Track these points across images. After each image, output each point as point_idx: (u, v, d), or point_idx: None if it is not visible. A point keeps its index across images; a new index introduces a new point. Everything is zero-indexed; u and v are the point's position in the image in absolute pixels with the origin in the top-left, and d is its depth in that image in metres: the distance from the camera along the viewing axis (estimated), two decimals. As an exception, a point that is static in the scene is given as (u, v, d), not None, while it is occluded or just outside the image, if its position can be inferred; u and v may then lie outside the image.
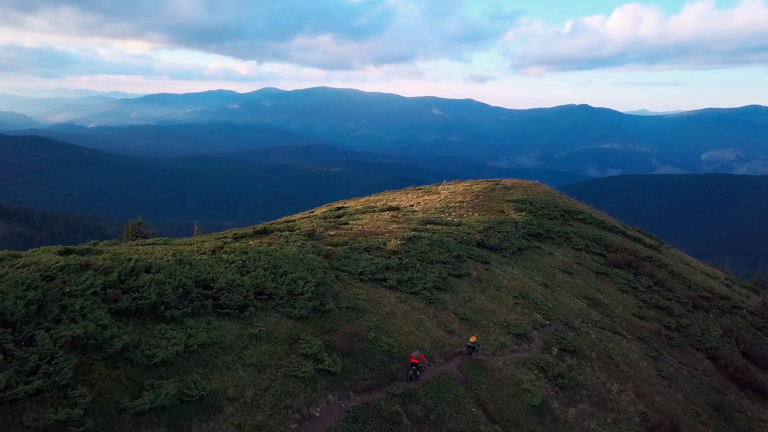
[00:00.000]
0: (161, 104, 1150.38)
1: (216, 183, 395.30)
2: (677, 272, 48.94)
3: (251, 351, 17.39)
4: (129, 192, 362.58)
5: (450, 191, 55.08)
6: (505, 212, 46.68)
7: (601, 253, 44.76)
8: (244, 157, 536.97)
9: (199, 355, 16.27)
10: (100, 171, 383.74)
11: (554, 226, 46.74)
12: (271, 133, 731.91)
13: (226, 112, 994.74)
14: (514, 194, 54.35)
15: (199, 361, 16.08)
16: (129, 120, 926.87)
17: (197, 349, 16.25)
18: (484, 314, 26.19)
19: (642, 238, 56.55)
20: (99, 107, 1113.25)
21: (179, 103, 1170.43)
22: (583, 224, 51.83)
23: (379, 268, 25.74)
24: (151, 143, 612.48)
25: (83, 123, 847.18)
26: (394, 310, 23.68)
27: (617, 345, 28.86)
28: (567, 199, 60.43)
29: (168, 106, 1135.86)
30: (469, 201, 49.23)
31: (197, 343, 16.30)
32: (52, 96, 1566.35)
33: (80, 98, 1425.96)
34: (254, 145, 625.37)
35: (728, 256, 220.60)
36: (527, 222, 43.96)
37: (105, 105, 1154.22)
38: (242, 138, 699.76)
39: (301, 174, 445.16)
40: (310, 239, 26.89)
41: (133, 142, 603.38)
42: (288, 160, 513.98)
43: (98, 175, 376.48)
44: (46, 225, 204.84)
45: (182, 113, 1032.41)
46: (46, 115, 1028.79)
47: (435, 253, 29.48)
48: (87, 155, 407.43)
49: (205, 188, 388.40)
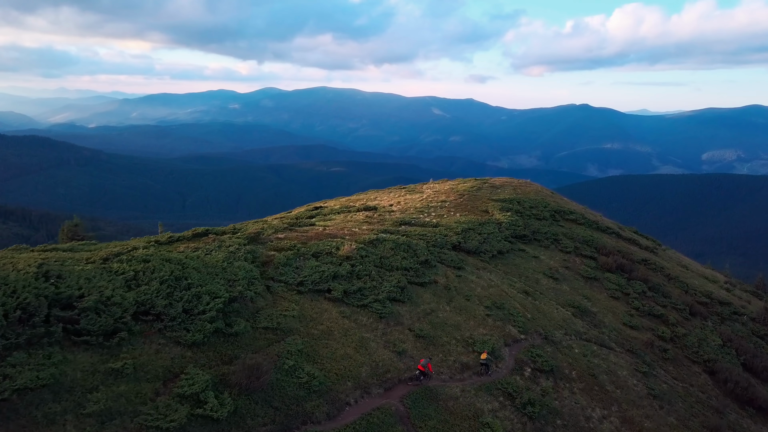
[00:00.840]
0: (162, 104, 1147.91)
1: (216, 183, 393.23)
2: (674, 276, 45.99)
3: (100, 394, 13.43)
4: (128, 192, 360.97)
5: (434, 190, 52.17)
6: (489, 212, 43.72)
7: (591, 255, 41.81)
8: (245, 157, 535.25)
9: (13, 406, 12.41)
10: (100, 171, 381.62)
11: (542, 227, 43.77)
12: (272, 133, 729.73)
13: (226, 112, 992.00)
14: (502, 193, 51.37)
15: (10, 413, 12.24)
16: (129, 120, 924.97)
17: (10, 396, 12.33)
18: (447, 329, 23.04)
19: (637, 240, 53.57)
20: (99, 107, 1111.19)
21: (180, 103, 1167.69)
22: (574, 225, 48.87)
23: (325, 277, 22.61)
24: (151, 143, 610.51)
25: (84, 123, 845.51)
26: (332, 328, 20.34)
27: (603, 360, 25.88)
28: (559, 199, 57.47)
29: (169, 106, 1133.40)
30: (452, 200, 46.30)
31: (13, 388, 12.35)
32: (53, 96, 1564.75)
33: (81, 98, 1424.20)
34: (254, 145, 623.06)
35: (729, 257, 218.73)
36: (512, 223, 40.99)
37: (105, 105, 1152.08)
38: (242, 138, 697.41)
39: (301, 174, 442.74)
40: (251, 243, 23.87)
41: (133, 142, 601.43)
42: (288, 160, 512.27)
43: (98, 175, 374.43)
44: (42, 225, 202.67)
45: (183, 113, 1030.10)
46: (47, 115, 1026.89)
47: (397, 259, 26.43)
48: (87, 155, 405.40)
49: (204, 188, 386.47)
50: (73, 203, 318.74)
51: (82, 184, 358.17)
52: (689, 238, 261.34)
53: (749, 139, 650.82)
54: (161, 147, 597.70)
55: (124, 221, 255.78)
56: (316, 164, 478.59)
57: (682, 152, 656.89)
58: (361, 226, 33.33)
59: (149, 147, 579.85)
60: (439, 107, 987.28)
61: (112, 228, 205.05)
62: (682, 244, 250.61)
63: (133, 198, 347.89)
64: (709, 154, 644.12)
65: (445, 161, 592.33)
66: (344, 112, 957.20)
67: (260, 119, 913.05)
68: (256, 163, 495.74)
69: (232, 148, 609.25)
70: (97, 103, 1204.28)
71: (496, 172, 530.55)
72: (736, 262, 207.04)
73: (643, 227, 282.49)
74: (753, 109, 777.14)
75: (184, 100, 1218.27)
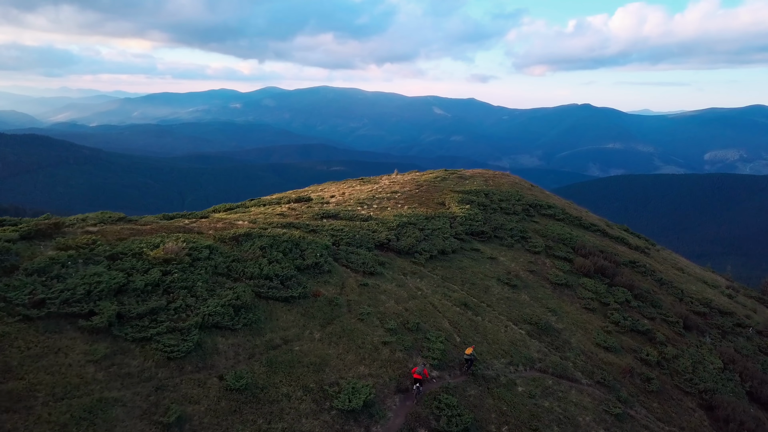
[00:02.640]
0: (163, 103, 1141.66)
1: (215, 182, 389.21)
2: (667, 280, 38.91)
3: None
4: (127, 190, 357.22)
5: (392, 181, 45.25)
6: (446, 205, 36.76)
7: (566, 257, 34.78)
8: (245, 156, 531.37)
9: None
10: (99, 170, 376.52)
11: (508, 222, 36.72)
12: (272, 133, 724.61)
13: (228, 112, 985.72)
14: (469, 185, 44.25)
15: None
16: (131, 119, 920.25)
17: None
18: (296, 371, 15.45)
19: (626, 239, 46.43)
20: (101, 106, 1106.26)
21: (181, 103, 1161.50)
22: (551, 221, 41.82)
23: (96, 291, 14.77)
24: (151, 142, 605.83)
25: (85, 122, 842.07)
26: (45, 383, 12.07)
27: (559, 401, 18.90)
28: (538, 192, 50.42)
29: (170, 105, 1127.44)
30: (406, 191, 39.34)
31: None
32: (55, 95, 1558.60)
33: (83, 97, 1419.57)
34: (255, 144, 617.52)
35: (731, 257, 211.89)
36: (469, 217, 33.97)
37: (107, 104, 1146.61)
38: (243, 137, 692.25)
39: (300, 173, 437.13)
40: (37, 238, 16.73)
41: (133, 140, 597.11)
42: (288, 159, 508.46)
43: (97, 173, 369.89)
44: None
45: (184, 112, 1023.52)
46: (49, 114, 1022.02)
47: (262, 263, 19.17)
48: (86, 154, 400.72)
49: (204, 187, 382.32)
50: (71, 202, 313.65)
51: (81, 182, 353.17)
52: (691, 238, 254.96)
53: (752, 139, 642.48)
54: (161, 146, 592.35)
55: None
56: (316, 163, 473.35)
57: (684, 152, 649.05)
58: (271, 218, 26.52)
59: (149, 146, 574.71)
60: (440, 107, 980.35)
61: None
62: (684, 245, 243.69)
63: (131, 196, 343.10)
64: (711, 154, 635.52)
65: (446, 161, 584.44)
66: (345, 112, 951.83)
67: (261, 118, 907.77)
68: (256, 162, 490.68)
69: (232, 147, 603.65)
70: (98, 103, 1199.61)
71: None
72: (739, 262, 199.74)
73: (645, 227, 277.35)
74: (756, 109, 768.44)
75: (185, 99, 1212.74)
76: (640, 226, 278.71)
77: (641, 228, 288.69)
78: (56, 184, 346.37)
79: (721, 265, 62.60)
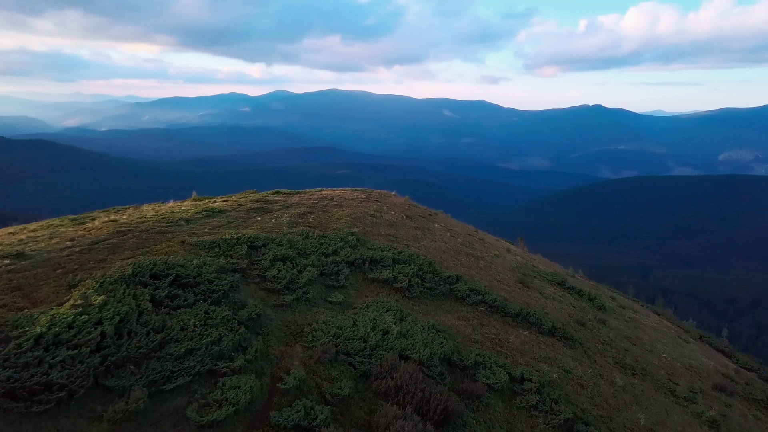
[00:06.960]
0: (173, 107, 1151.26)
1: (218, 186, 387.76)
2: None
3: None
4: (132, 195, 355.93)
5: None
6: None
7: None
8: (250, 160, 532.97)
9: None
10: (106, 174, 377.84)
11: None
12: (279, 136, 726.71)
13: (236, 115, 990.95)
14: (249, 226, 28.88)
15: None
16: (141, 123, 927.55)
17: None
18: None
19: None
20: (112, 111, 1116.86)
21: (191, 107, 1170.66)
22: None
23: None
24: (159, 146, 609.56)
25: (95, 127, 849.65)
26: None
27: None
28: (430, 232, 41.88)
29: (180, 109, 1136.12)
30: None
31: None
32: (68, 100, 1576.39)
33: (95, 102, 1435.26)
34: (261, 147, 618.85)
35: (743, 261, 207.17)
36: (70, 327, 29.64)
37: (118, 108, 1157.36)
38: (250, 140, 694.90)
39: (303, 176, 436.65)
40: None
41: (141, 144, 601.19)
42: (291, 162, 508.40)
43: (103, 178, 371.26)
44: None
45: (193, 116, 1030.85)
46: (60, 119, 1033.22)
47: None
48: (93, 158, 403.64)
49: (207, 191, 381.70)
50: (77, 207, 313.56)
51: (88, 187, 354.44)
52: (704, 242, 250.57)
53: (767, 140, 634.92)
54: (168, 150, 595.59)
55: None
56: (320, 166, 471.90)
57: (697, 153, 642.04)
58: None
59: (157, 150, 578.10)
60: (449, 109, 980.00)
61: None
62: (696, 248, 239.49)
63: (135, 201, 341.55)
64: (725, 155, 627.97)
65: (454, 163, 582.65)
66: (353, 114, 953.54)
67: (270, 122, 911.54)
68: (260, 165, 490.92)
69: (238, 151, 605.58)
70: (110, 107, 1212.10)
71: (507, 174, 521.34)
72: (754, 267, 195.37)
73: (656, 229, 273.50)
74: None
75: (195, 103, 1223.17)
76: (652, 229, 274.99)
77: (653, 231, 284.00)
78: (63, 188, 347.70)
79: (727, 271, 59.37)
